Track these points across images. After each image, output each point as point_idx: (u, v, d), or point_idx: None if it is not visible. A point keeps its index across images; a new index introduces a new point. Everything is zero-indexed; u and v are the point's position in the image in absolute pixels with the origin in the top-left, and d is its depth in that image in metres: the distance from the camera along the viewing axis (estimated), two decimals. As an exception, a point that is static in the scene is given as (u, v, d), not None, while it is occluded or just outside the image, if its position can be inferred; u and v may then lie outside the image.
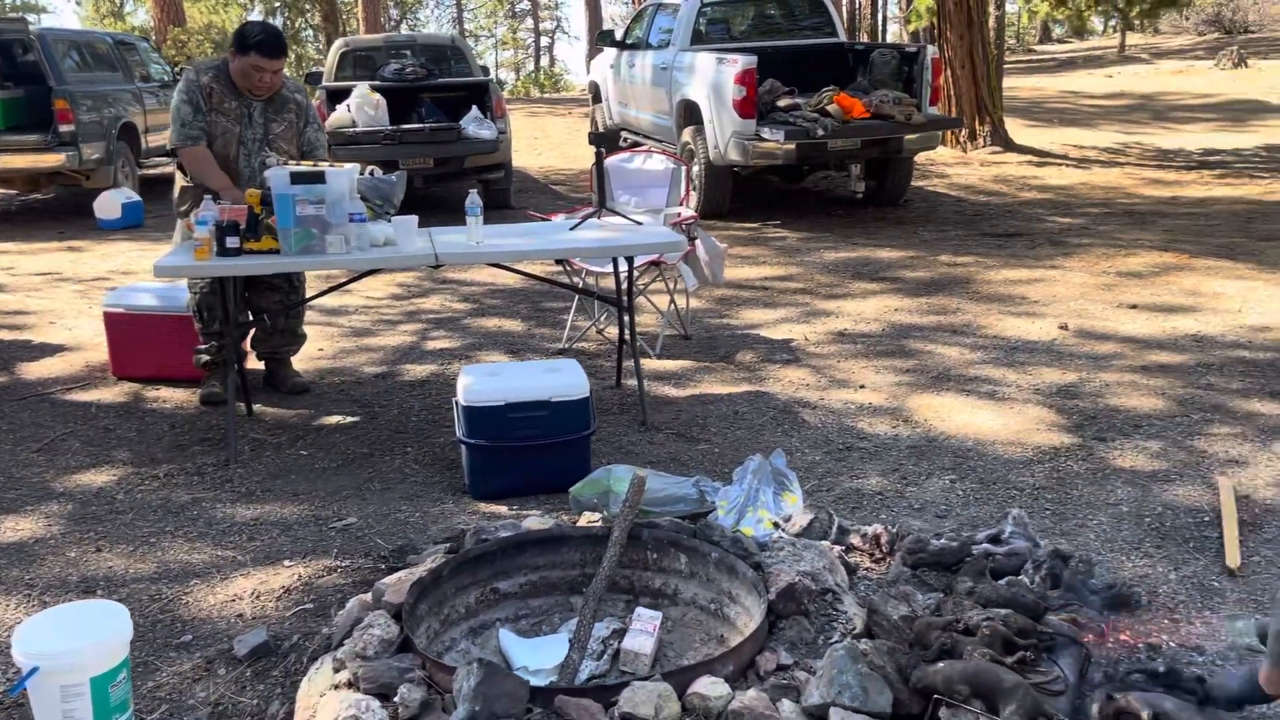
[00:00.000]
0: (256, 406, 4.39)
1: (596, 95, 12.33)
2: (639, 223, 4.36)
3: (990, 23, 12.50)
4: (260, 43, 4.05)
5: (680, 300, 5.41)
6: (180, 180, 4.28)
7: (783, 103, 8.26)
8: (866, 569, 2.75)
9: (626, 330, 4.31)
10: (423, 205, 6.87)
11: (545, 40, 46.35)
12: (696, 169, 8.36)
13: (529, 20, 45.99)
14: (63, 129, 8.90)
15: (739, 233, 8.02)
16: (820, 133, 7.76)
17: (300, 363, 4.79)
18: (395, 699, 2.06)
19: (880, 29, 28.27)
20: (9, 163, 8.93)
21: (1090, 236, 7.50)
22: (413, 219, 3.85)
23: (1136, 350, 4.89)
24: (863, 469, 3.66)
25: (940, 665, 2.03)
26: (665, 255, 4.85)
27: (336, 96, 9.14)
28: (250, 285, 4.37)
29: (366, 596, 2.55)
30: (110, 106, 9.74)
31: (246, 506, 3.47)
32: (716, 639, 2.47)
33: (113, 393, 4.64)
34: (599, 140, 4.64)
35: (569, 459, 3.46)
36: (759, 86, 8.02)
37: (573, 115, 17.59)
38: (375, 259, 3.82)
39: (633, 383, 4.29)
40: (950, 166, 11.06)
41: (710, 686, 2.06)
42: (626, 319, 4.26)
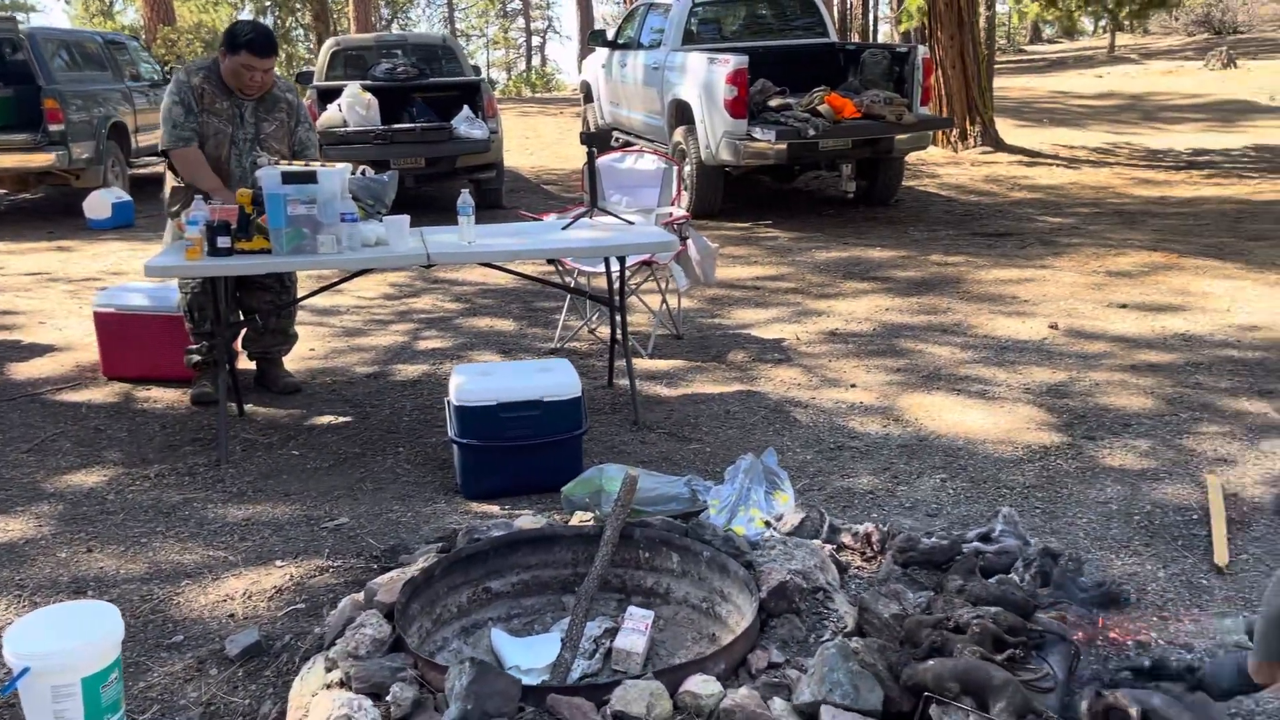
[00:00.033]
0: (248, 406, 4.38)
1: (588, 95, 12.33)
2: (631, 222, 4.36)
3: (981, 23, 12.52)
4: (251, 42, 4.04)
5: (672, 300, 5.41)
6: (171, 181, 4.28)
7: (774, 103, 8.28)
8: (858, 567, 2.76)
9: (618, 330, 4.32)
10: (414, 205, 6.87)
11: (537, 40, 46.32)
12: (688, 169, 8.37)
13: (520, 20, 45.95)
14: (52, 128, 8.86)
15: (730, 232, 8.03)
16: (811, 133, 7.78)
17: (292, 363, 4.79)
18: (387, 698, 2.06)
19: (871, 29, 28.32)
20: (-2, 162, 8.90)
21: (1080, 236, 7.53)
22: (404, 219, 3.86)
23: (1126, 349, 4.91)
24: (854, 468, 3.67)
25: (931, 663, 2.05)
26: (657, 255, 4.86)
27: (328, 96, 9.12)
28: (241, 285, 4.36)
29: (358, 596, 2.55)
30: (100, 106, 9.71)
31: (238, 507, 3.47)
32: (708, 637, 2.47)
33: (103, 393, 4.63)
34: (590, 140, 4.64)
35: (561, 458, 3.47)
36: (750, 86, 8.03)
37: (564, 115, 17.58)
38: (367, 259, 3.82)
39: (624, 382, 4.30)
40: (941, 166, 11.09)
41: (702, 685, 2.07)
42: (618, 318, 4.27)
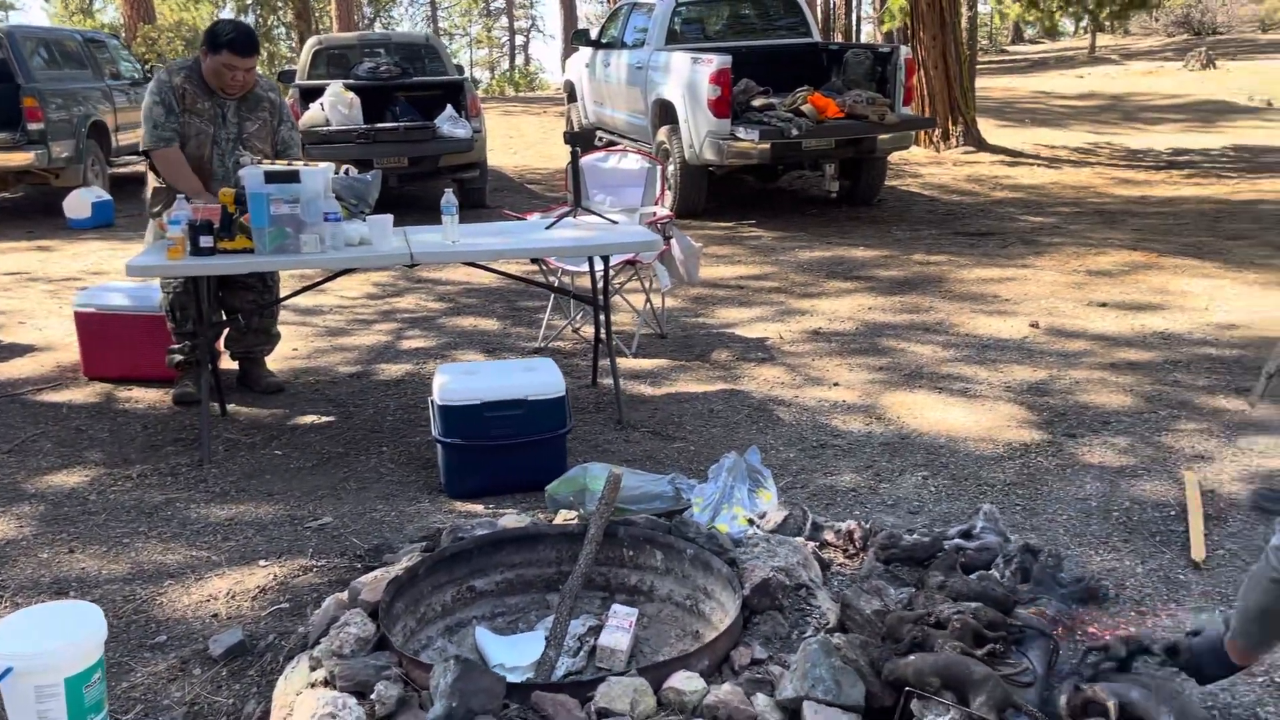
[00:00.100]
0: (230, 406, 4.37)
1: (572, 94, 12.33)
2: (614, 222, 4.37)
3: (963, 23, 12.58)
4: (232, 41, 4.03)
5: (656, 299, 5.43)
6: (153, 181, 4.26)
7: (757, 102, 8.30)
8: (840, 564, 2.78)
9: (602, 329, 4.32)
10: (398, 204, 6.85)
11: (520, 39, 46.24)
12: (672, 168, 8.38)
13: (504, 19, 45.86)
14: (31, 127, 8.80)
15: (714, 232, 8.05)
16: (795, 132, 7.80)
17: (274, 362, 4.78)
18: (372, 696, 2.06)
19: (854, 29, 28.41)
20: (-24, 161, 8.84)
21: (1061, 235, 7.58)
22: (388, 218, 3.85)
23: (1106, 348, 4.95)
24: (836, 466, 3.69)
25: (912, 658, 2.06)
26: (641, 254, 4.87)
27: (310, 95, 9.08)
28: (224, 284, 4.34)
29: (343, 595, 2.55)
30: (80, 104, 9.64)
31: (221, 507, 3.46)
32: (692, 635, 2.48)
33: (84, 393, 4.61)
34: (574, 139, 4.64)
35: (545, 457, 3.47)
36: (734, 86, 8.05)
37: (548, 114, 17.56)
38: (350, 258, 3.82)
39: (608, 381, 4.31)
40: (923, 166, 11.14)
41: (686, 681, 2.08)
42: (602, 318, 4.28)
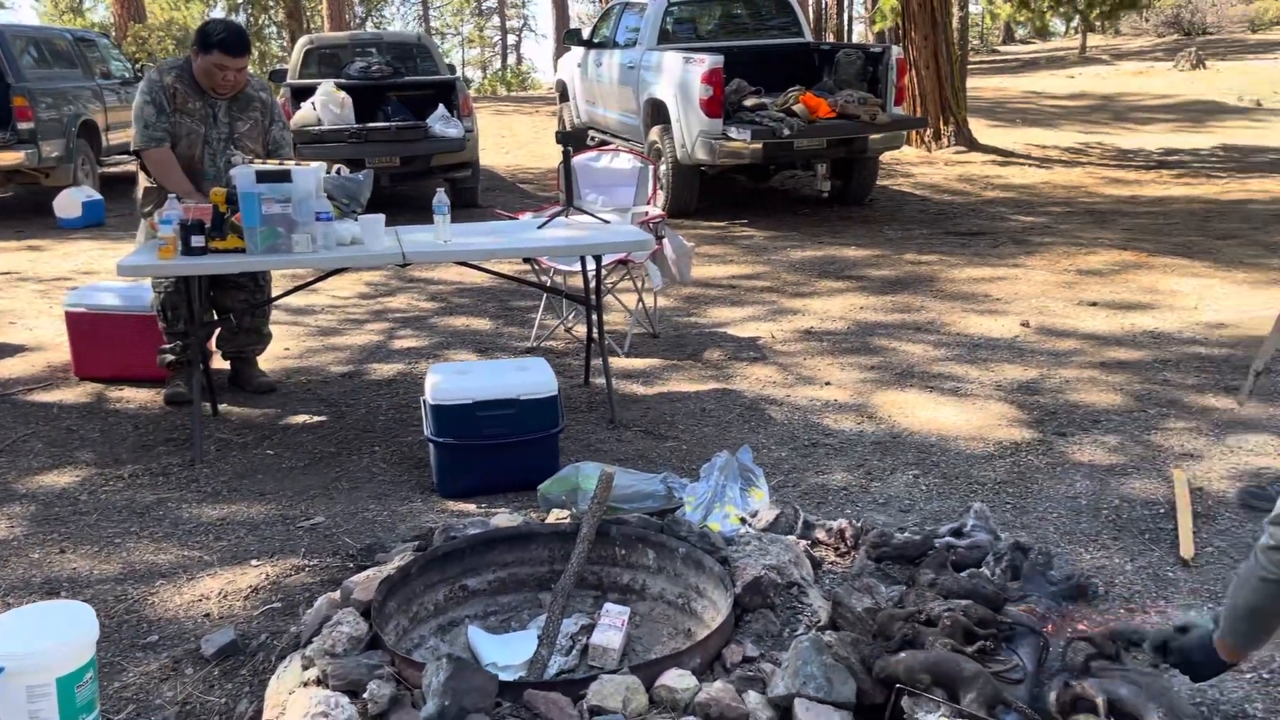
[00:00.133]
0: (222, 406, 4.36)
1: (564, 94, 12.32)
2: (606, 221, 4.38)
3: (954, 23, 12.62)
4: (223, 41, 4.02)
5: (648, 299, 5.43)
6: (144, 181, 4.25)
7: (749, 102, 8.32)
8: (831, 563, 2.79)
9: (595, 328, 4.33)
10: (389, 204, 6.82)
11: (512, 38, 46.23)
12: (664, 168, 8.39)
13: (495, 18, 45.84)
14: (21, 126, 8.77)
15: (706, 231, 8.06)
16: (786, 132, 7.82)
17: (266, 362, 4.77)
18: (364, 695, 2.06)
19: (846, 29, 28.45)
20: (-34, 161, 8.81)
21: (1052, 235, 7.61)
22: (379, 218, 3.85)
23: (1096, 347, 4.97)
24: (828, 465, 3.70)
25: (902, 655, 2.07)
26: (633, 254, 4.87)
27: (301, 94, 9.07)
28: (215, 284, 4.34)
29: (335, 595, 2.55)
30: (70, 104, 9.61)
31: (213, 506, 3.46)
32: (684, 633, 2.49)
33: (75, 393, 4.60)
34: (566, 139, 4.65)
35: (537, 457, 3.47)
36: (726, 86, 8.06)
37: (540, 114, 17.56)
38: (342, 258, 3.82)
39: (601, 381, 4.31)
40: (915, 166, 11.16)
41: (677, 679, 2.09)
42: (594, 317, 4.28)
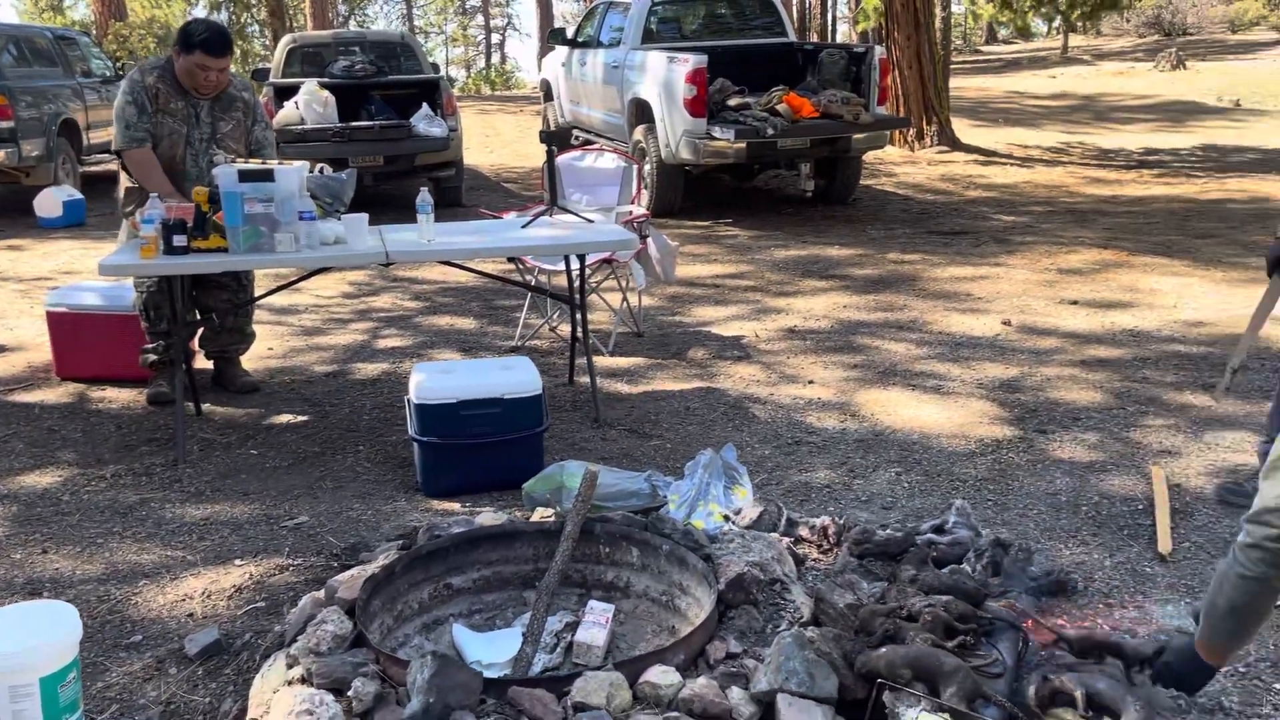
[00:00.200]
0: (205, 406, 4.35)
1: (548, 93, 12.32)
2: (591, 221, 4.39)
3: (937, 23, 12.66)
4: (205, 41, 4.00)
5: (632, 298, 5.44)
6: (125, 181, 4.23)
7: (733, 102, 8.34)
8: (814, 559, 2.81)
9: (579, 328, 4.34)
10: (373, 203, 6.81)
11: (496, 37, 46.16)
12: (648, 167, 8.40)
13: (479, 17, 45.77)
14: (1, 125, 8.70)
15: (690, 231, 8.08)
16: (770, 132, 7.84)
17: (249, 362, 4.76)
18: (349, 693, 2.07)
19: (830, 29, 28.54)
20: (-55, 160, 8.74)
21: (1033, 234, 7.66)
22: (363, 217, 3.85)
23: (1076, 345, 5.02)
24: (811, 462, 3.72)
25: (884, 650, 2.09)
26: (617, 253, 4.88)
27: (284, 93, 9.04)
28: (198, 284, 4.32)
29: (319, 593, 2.55)
30: (50, 102, 9.55)
31: (196, 506, 3.45)
32: (668, 630, 2.50)
33: (57, 393, 4.57)
34: (550, 138, 4.65)
35: (522, 456, 3.48)
36: (710, 86, 8.08)
37: (524, 113, 17.54)
38: (325, 257, 3.81)
39: (585, 380, 4.32)
40: (898, 165, 11.21)
41: (661, 675, 2.10)
42: (579, 316, 4.29)
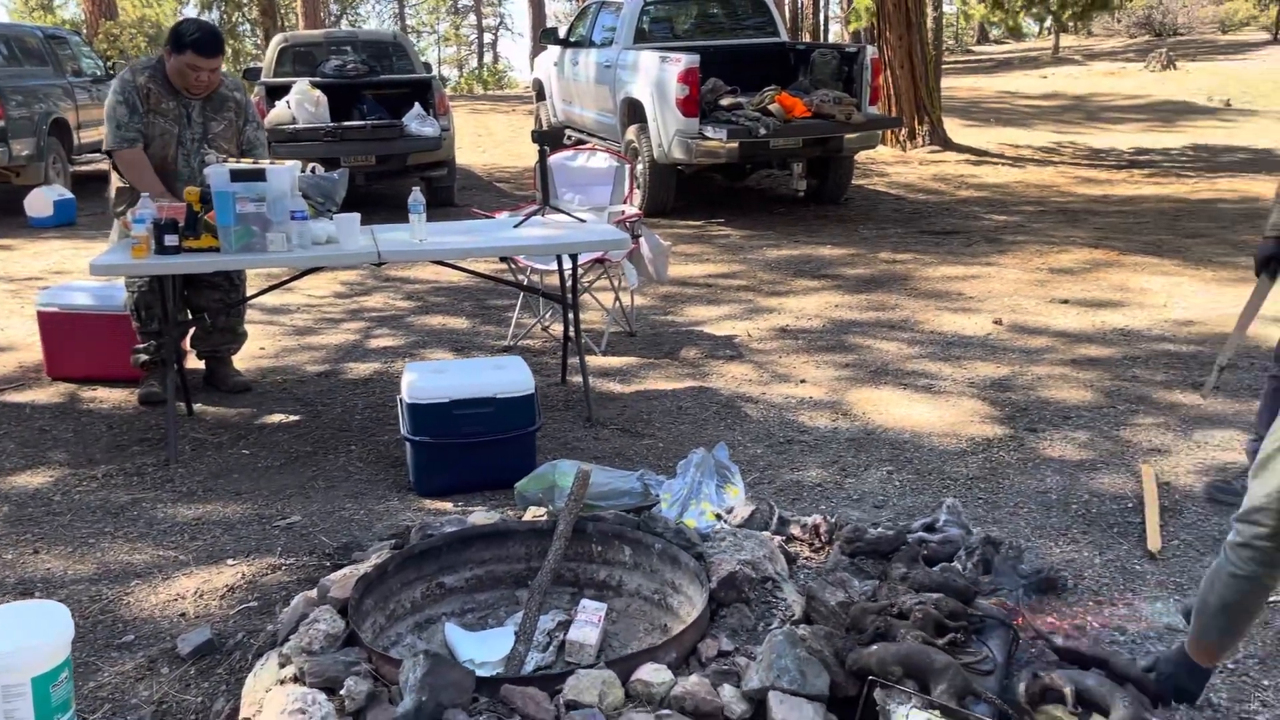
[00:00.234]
0: (197, 406, 4.35)
1: (540, 93, 12.32)
2: (583, 220, 4.39)
3: (929, 23, 12.70)
4: (196, 41, 4.00)
5: (625, 297, 5.45)
6: (116, 181, 4.22)
7: (725, 102, 8.35)
8: (806, 558, 2.82)
9: (571, 327, 4.34)
10: (365, 203, 6.83)
11: (488, 37, 46.10)
12: (640, 167, 8.41)
13: (471, 16, 45.69)
14: (-9, 125, 8.69)
15: (683, 230, 8.09)
16: (762, 132, 7.85)
17: (241, 362, 4.75)
18: (341, 692, 2.07)
19: (822, 29, 28.56)
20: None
21: (1024, 234, 7.68)
22: (355, 217, 3.85)
23: (1067, 344, 5.04)
24: (803, 461, 3.73)
25: (875, 648, 2.10)
26: (609, 253, 4.89)
27: (276, 93, 9.02)
28: (189, 283, 4.32)
29: (312, 593, 2.55)
30: (40, 102, 9.52)
31: (188, 506, 3.45)
32: (660, 628, 2.51)
33: (48, 393, 4.56)
34: (543, 138, 4.65)
35: (514, 455, 3.48)
36: (702, 85, 8.09)
37: (516, 113, 17.52)
38: (317, 257, 3.81)
39: (578, 379, 4.33)
40: (890, 165, 11.24)
41: (653, 673, 2.11)
42: (571, 316, 4.29)
